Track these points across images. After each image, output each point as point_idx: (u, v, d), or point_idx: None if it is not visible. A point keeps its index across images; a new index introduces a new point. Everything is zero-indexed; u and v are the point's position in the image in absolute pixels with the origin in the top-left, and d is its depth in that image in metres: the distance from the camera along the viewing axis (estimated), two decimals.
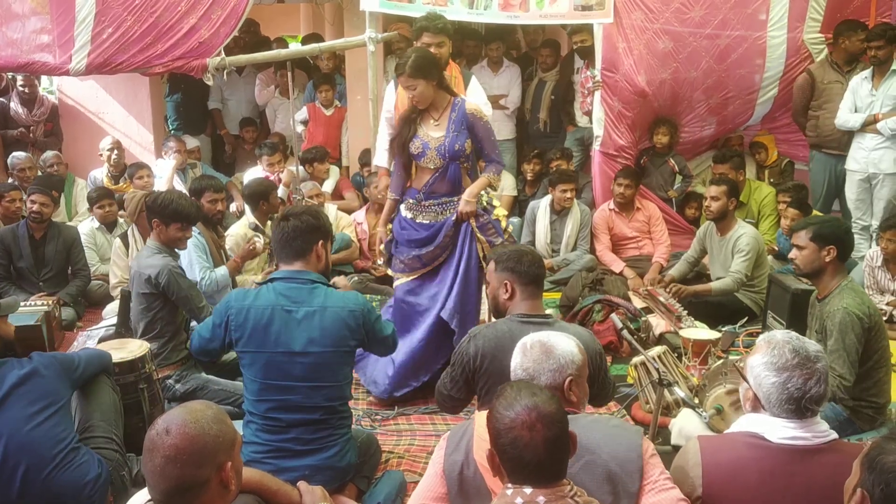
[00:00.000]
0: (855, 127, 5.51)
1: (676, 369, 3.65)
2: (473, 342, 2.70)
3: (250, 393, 2.77)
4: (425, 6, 5.60)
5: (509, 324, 2.71)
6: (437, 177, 3.85)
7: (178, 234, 3.77)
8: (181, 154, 6.49)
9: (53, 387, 2.71)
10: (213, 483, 1.72)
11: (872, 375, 3.32)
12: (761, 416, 2.03)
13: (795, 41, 5.90)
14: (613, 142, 5.99)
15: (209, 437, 1.71)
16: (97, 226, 5.61)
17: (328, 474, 2.72)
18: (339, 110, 7.08)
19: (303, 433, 2.72)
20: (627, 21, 5.73)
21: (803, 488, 1.89)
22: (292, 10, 11.08)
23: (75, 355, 2.96)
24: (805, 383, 1.95)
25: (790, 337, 2.05)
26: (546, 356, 2.10)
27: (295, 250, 2.79)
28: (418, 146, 3.81)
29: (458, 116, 3.80)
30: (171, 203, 3.73)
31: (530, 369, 2.10)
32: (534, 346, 2.13)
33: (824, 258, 3.33)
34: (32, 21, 5.59)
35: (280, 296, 2.74)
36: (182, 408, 1.79)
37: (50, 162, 6.37)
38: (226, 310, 2.76)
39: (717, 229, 5.10)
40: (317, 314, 2.72)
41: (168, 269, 3.63)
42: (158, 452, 1.68)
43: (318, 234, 2.82)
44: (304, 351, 2.69)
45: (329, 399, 2.74)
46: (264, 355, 2.70)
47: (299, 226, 2.78)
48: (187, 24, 5.59)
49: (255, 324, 2.70)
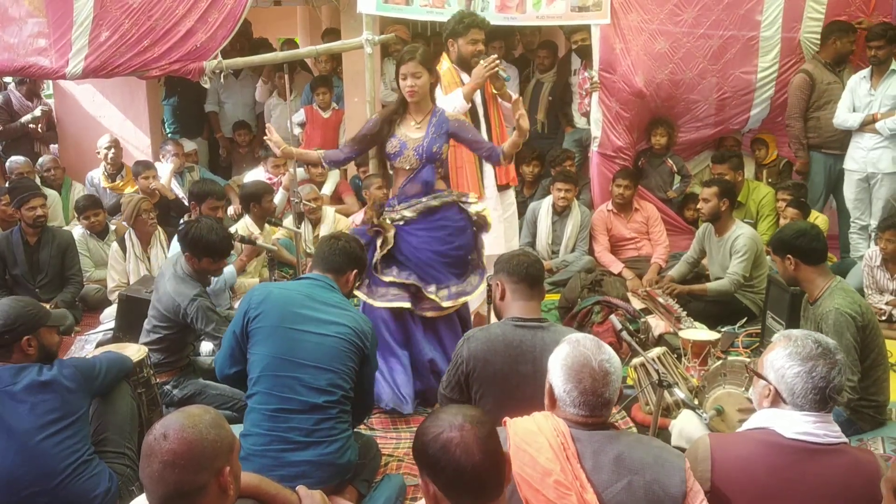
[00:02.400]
0: (853, 126, 5.50)
1: (676, 370, 3.64)
2: (467, 345, 2.69)
3: (255, 372, 2.77)
4: (422, 9, 5.59)
5: (503, 327, 2.70)
6: (410, 178, 3.79)
7: (210, 267, 3.75)
8: (178, 157, 6.49)
9: (71, 398, 2.70)
10: (212, 488, 1.71)
11: (871, 374, 3.33)
12: (777, 410, 2.04)
13: (791, 41, 5.89)
14: (611, 143, 5.99)
15: (207, 441, 1.70)
16: (87, 233, 5.57)
17: (328, 471, 2.71)
18: (336, 113, 7.07)
19: (303, 422, 2.71)
20: (624, 22, 5.73)
21: (811, 487, 1.90)
22: (289, 12, 11.07)
23: (97, 361, 2.94)
24: (829, 372, 1.98)
25: (809, 332, 2.10)
26: (605, 377, 1.97)
27: (333, 265, 3.00)
28: (395, 145, 3.77)
29: (438, 121, 3.80)
30: (202, 238, 3.65)
31: (605, 394, 1.96)
32: (601, 368, 1.97)
33: (789, 268, 3.42)
34: (29, 25, 5.58)
35: (303, 287, 2.92)
36: (180, 412, 1.78)
37: (47, 166, 6.36)
38: (249, 296, 2.88)
39: (714, 230, 5.09)
40: (335, 309, 2.85)
41: (197, 304, 3.61)
42: (156, 458, 1.67)
43: (358, 263, 3.07)
44: (317, 332, 2.77)
45: (332, 385, 2.75)
46: (279, 330, 2.77)
47: (347, 248, 3.03)
48: (184, 27, 5.58)
49: (275, 300, 2.83)
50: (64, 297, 5.07)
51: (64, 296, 5.08)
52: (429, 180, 3.78)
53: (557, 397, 2.01)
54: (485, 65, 4.12)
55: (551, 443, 1.91)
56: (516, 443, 1.94)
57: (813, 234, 3.46)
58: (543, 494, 1.85)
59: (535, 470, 1.88)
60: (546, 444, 1.91)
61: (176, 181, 6.48)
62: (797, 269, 3.41)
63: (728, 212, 5.03)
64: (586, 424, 1.97)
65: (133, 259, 5.11)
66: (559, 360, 2.01)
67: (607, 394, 1.96)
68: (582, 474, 1.88)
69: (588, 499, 1.84)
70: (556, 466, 1.87)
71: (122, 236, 5.26)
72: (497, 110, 4.43)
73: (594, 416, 1.97)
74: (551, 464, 1.88)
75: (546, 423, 1.97)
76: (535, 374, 2.58)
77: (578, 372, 1.96)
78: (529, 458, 1.90)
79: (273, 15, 10.26)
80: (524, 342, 2.64)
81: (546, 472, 1.87)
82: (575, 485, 1.85)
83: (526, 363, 2.62)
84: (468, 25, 4.27)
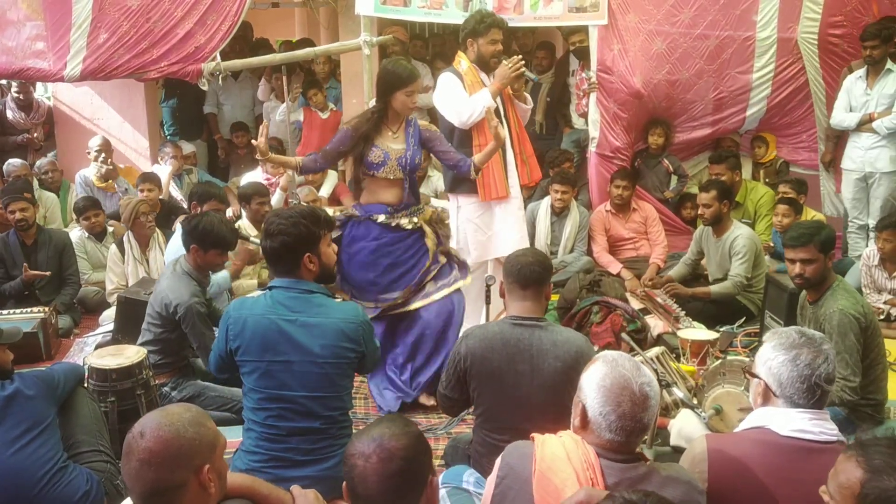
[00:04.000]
0: (850, 126, 5.52)
1: (675, 370, 3.64)
2: (465, 342, 2.70)
3: (250, 401, 2.75)
4: (420, 10, 5.60)
5: (501, 325, 2.71)
6: (404, 189, 3.87)
7: (216, 259, 3.76)
8: (177, 159, 6.48)
9: (37, 407, 2.68)
10: (192, 486, 1.71)
11: (869, 374, 3.34)
12: (772, 408, 2.06)
13: (788, 42, 5.90)
14: (609, 143, 6.00)
15: (184, 440, 1.70)
16: (86, 235, 5.56)
17: (328, 485, 2.69)
18: (334, 114, 7.07)
19: (302, 443, 2.70)
20: (622, 23, 5.74)
21: (808, 486, 1.90)
22: (287, 14, 11.08)
23: (54, 372, 2.92)
24: (814, 360, 2.00)
25: (795, 327, 2.14)
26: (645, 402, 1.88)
27: (283, 268, 2.77)
28: (379, 156, 3.79)
29: (414, 132, 3.88)
30: (213, 229, 3.67)
31: (644, 419, 1.87)
32: (641, 392, 1.88)
33: (828, 265, 3.39)
34: (27, 28, 5.58)
35: (278, 304, 2.72)
36: (159, 411, 1.78)
37: (45, 169, 6.34)
38: (226, 319, 2.76)
39: (713, 231, 5.10)
40: (315, 324, 2.70)
41: (189, 305, 3.57)
42: (133, 456, 1.68)
43: (303, 246, 2.73)
44: (302, 360, 2.67)
45: (328, 409, 2.72)
46: (263, 364, 2.68)
47: (277, 247, 2.73)
48: (183, 29, 5.59)
49: (253, 332, 2.69)
50: (62, 298, 5.07)
51: (62, 297, 5.07)
52: (415, 188, 3.94)
53: (591, 419, 1.90)
54: (509, 65, 4.16)
55: (580, 476, 1.82)
56: (542, 469, 1.88)
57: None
58: None
59: (558, 501, 1.81)
60: (573, 476, 1.82)
61: (174, 184, 6.48)
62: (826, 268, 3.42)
63: (728, 213, 5.04)
64: (619, 452, 1.88)
65: (132, 261, 5.11)
66: (595, 381, 1.89)
67: (646, 419, 1.87)
68: None
69: None
70: None
71: (120, 238, 5.26)
72: (514, 111, 4.46)
73: (629, 443, 1.88)
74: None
75: (576, 452, 1.88)
76: (532, 373, 2.60)
77: (618, 395, 1.85)
78: (554, 488, 1.84)
79: (271, 16, 10.26)
80: (521, 340, 2.63)
81: None
82: None
83: (523, 362, 2.61)
84: (489, 25, 4.28)
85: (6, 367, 2.78)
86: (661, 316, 4.78)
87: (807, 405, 2.01)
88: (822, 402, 2.03)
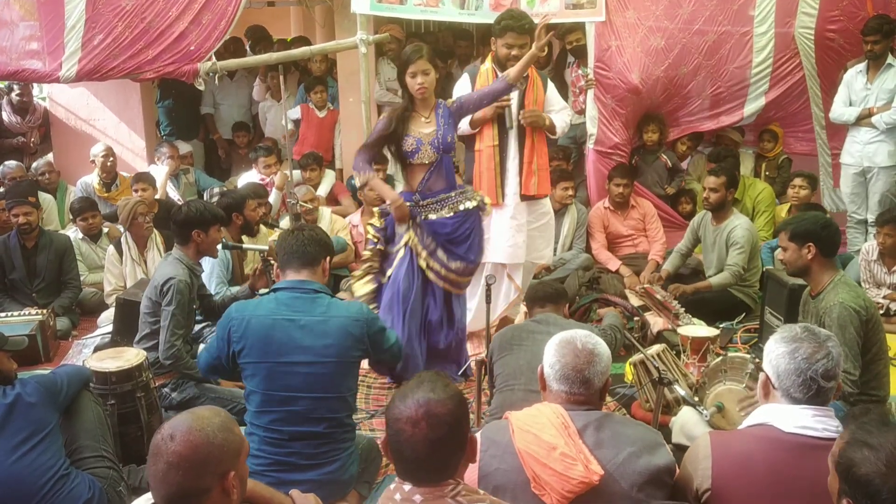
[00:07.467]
0: (850, 121, 5.52)
1: (676, 367, 3.64)
2: (497, 338, 3.15)
3: (253, 404, 2.73)
4: (416, 7, 5.58)
5: (525, 323, 3.26)
6: (432, 172, 3.89)
7: (217, 235, 3.82)
8: (174, 160, 6.45)
9: (39, 414, 2.65)
10: (216, 491, 1.70)
11: (871, 369, 3.32)
12: (776, 405, 2.05)
13: (785, 37, 5.89)
14: (608, 139, 5.98)
15: (213, 445, 1.69)
16: (81, 236, 5.53)
17: (331, 489, 2.69)
18: (331, 113, 7.06)
19: (305, 447, 2.69)
20: (620, 19, 5.73)
21: (811, 482, 1.90)
22: (282, 13, 11.05)
23: (57, 376, 2.88)
24: (812, 355, 2.01)
25: (804, 323, 2.18)
26: (589, 356, 2.13)
27: (307, 258, 2.82)
28: (412, 143, 3.85)
29: (444, 112, 3.91)
30: (204, 209, 3.79)
31: (585, 372, 2.11)
32: (584, 347, 2.14)
33: (806, 256, 3.36)
34: (21, 28, 5.54)
35: (282, 305, 2.72)
36: (189, 413, 1.76)
37: (42, 170, 6.32)
38: (227, 321, 2.74)
39: (712, 218, 5.10)
40: (319, 324, 2.69)
41: (177, 280, 3.57)
42: (161, 458, 1.66)
43: (328, 249, 2.92)
44: (306, 361, 2.65)
45: (333, 411, 2.72)
46: (266, 366, 2.67)
47: (314, 236, 2.87)
48: (178, 29, 5.55)
49: (256, 334, 2.68)
50: (62, 302, 5.05)
51: (62, 301, 5.06)
52: (449, 171, 3.96)
53: (545, 375, 2.17)
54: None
55: (552, 422, 2.04)
56: (519, 426, 2.07)
57: (835, 227, 3.48)
58: (551, 467, 1.97)
59: (540, 446, 2.00)
60: (547, 422, 2.04)
61: (172, 184, 6.46)
62: (813, 259, 3.36)
63: (730, 202, 5.05)
64: (578, 403, 2.11)
65: (130, 262, 5.09)
66: (551, 342, 2.19)
67: (587, 372, 2.10)
68: (584, 448, 2.00)
69: (593, 468, 1.96)
70: (560, 441, 1.99)
71: (116, 240, 5.24)
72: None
73: (574, 394, 2.10)
74: (555, 439, 2.00)
75: (545, 408, 2.12)
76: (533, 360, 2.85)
77: (563, 349, 2.14)
78: (533, 436, 2.04)
79: (266, 15, 10.22)
80: (535, 332, 3.07)
81: (551, 446, 1.99)
82: (580, 456, 1.97)
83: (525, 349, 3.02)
84: (504, 28, 4.27)
85: (9, 375, 2.76)
86: (661, 313, 4.78)
87: (803, 399, 2.01)
88: (823, 398, 2.02)
